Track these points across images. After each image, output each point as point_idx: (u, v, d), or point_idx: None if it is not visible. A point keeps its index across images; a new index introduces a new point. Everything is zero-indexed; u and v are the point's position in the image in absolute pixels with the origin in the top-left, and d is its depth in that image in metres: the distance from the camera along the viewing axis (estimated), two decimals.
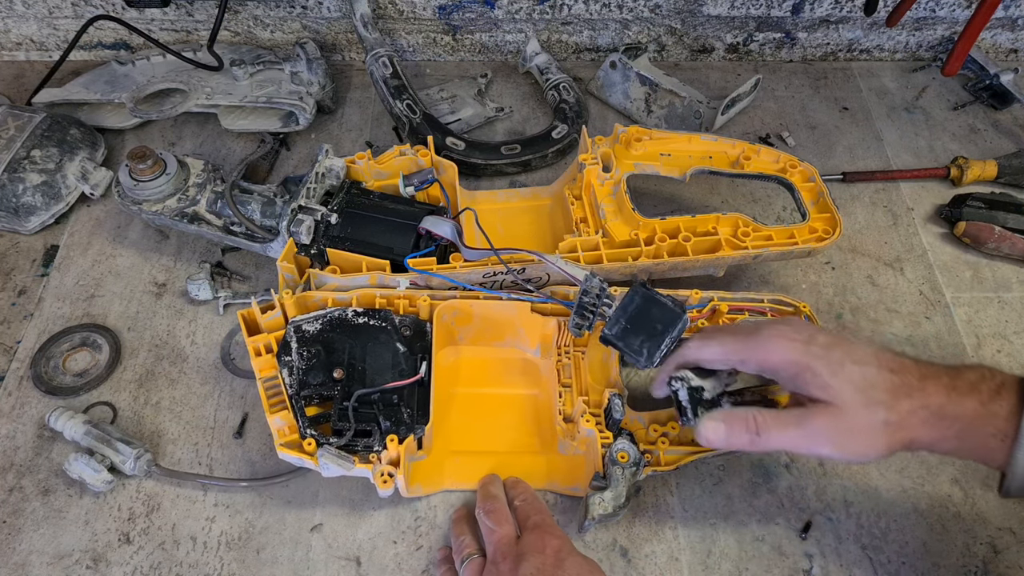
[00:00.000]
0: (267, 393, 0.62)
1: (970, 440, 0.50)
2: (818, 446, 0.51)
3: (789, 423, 0.51)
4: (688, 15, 0.98)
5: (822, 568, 0.62)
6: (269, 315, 0.65)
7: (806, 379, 0.51)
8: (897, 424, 0.50)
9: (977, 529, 0.64)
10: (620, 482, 0.59)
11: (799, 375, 0.51)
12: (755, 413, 0.52)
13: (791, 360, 0.52)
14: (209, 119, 0.93)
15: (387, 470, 0.59)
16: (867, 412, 0.50)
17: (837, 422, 0.50)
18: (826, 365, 0.51)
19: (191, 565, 0.61)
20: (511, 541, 0.56)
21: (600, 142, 0.77)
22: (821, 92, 1.01)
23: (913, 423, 0.50)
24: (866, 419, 0.50)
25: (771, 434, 0.52)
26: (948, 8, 0.98)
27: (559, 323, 0.68)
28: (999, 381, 0.50)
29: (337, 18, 0.97)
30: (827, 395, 0.50)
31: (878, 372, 0.51)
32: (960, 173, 0.88)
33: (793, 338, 0.52)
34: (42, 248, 0.82)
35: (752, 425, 0.52)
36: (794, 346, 0.52)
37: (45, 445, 0.67)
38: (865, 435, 0.50)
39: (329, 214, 0.72)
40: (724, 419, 0.53)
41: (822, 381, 0.50)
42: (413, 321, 0.67)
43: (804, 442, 0.51)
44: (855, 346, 0.52)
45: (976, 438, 0.49)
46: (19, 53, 1.01)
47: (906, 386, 0.50)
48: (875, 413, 0.50)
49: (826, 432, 0.50)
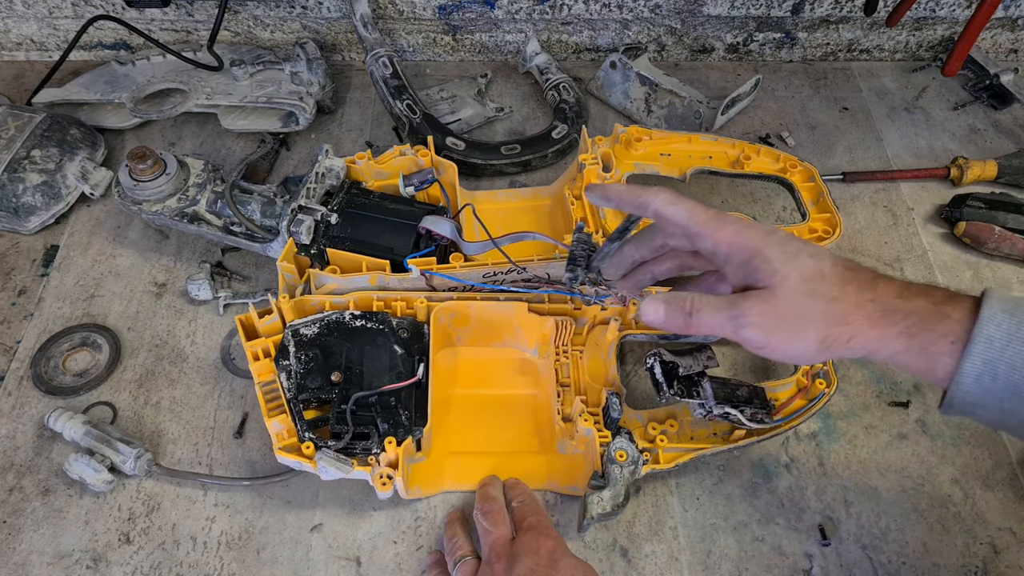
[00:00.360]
0: (265, 397, 0.62)
1: (917, 340, 0.46)
2: (747, 327, 0.48)
3: (722, 305, 0.49)
4: (688, 15, 0.98)
5: (822, 568, 0.62)
6: (267, 319, 0.65)
7: (756, 264, 0.49)
8: (837, 317, 0.47)
9: (977, 529, 0.64)
10: (619, 481, 0.59)
11: (751, 260, 0.49)
12: (693, 296, 0.50)
13: (746, 244, 0.49)
14: (209, 119, 0.93)
15: (386, 472, 0.59)
16: (806, 299, 0.47)
17: (771, 306, 0.48)
18: (780, 252, 0.48)
19: (191, 565, 0.61)
20: (506, 542, 0.56)
21: (600, 142, 0.77)
22: (821, 92, 1.01)
23: (856, 318, 0.47)
24: (804, 307, 0.47)
25: (703, 315, 0.50)
26: (948, 8, 0.98)
27: (556, 323, 0.68)
28: (954, 290, 0.48)
29: (337, 18, 0.97)
30: (772, 280, 0.48)
31: (832, 266, 0.48)
32: (960, 173, 0.88)
33: (754, 225, 0.50)
34: (42, 248, 0.82)
35: (687, 306, 0.50)
36: (753, 232, 0.49)
37: (45, 445, 0.67)
38: (798, 322, 0.48)
39: (329, 214, 0.72)
40: (665, 299, 0.51)
41: (772, 267, 0.48)
42: (410, 323, 0.67)
43: (731, 324, 0.49)
44: (813, 245, 0.50)
45: (924, 337, 0.46)
46: (19, 53, 1.01)
47: (857, 280, 0.48)
48: (814, 303, 0.47)
49: (756, 315, 0.48)
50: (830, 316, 0.47)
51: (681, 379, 0.62)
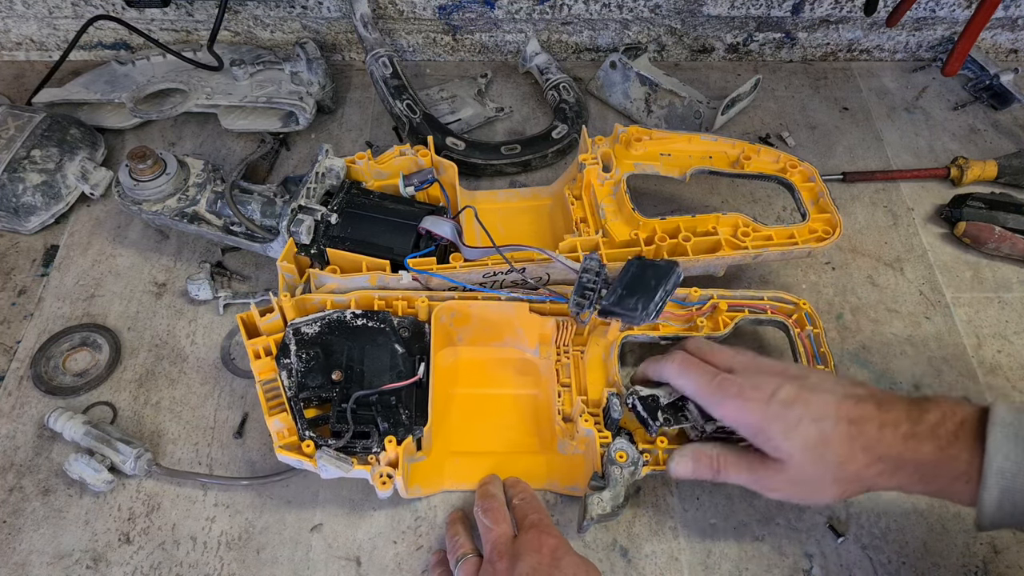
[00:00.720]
0: (266, 395, 0.62)
1: (934, 484, 0.51)
2: (769, 492, 0.56)
3: (743, 469, 0.56)
4: (688, 15, 0.98)
5: (822, 568, 0.62)
6: (268, 318, 0.65)
7: (760, 441, 0.54)
8: (851, 476, 0.52)
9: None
10: (618, 482, 0.59)
11: (755, 436, 0.55)
12: (718, 453, 0.57)
13: (748, 422, 0.54)
14: (209, 119, 0.93)
15: (386, 471, 0.59)
16: (816, 469, 0.52)
17: (785, 477, 0.54)
18: (781, 427, 0.53)
19: (191, 565, 0.61)
20: (508, 540, 0.56)
21: (600, 142, 0.77)
22: (821, 92, 1.01)
23: (869, 475, 0.51)
24: (815, 475, 0.53)
25: (729, 474, 0.57)
26: (948, 8, 0.98)
27: (557, 323, 0.68)
28: (959, 419, 0.50)
29: (337, 18, 0.97)
30: (779, 455, 0.53)
31: (835, 426, 0.52)
32: (960, 173, 0.88)
33: (753, 398, 0.54)
34: (42, 248, 0.82)
35: (715, 464, 0.57)
36: (752, 407, 0.54)
37: (45, 445, 0.67)
38: (814, 488, 0.54)
39: (329, 214, 0.72)
40: (692, 455, 0.58)
41: (775, 444, 0.53)
42: (411, 322, 0.67)
43: (756, 487, 0.56)
44: (815, 398, 0.53)
45: (940, 482, 0.50)
46: (19, 53, 1.01)
47: (862, 437, 0.51)
48: (825, 471, 0.52)
49: (776, 483, 0.55)
50: (843, 478, 0.52)
51: (665, 408, 0.61)
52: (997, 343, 0.76)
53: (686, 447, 0.59)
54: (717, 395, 0.56)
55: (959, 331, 0.77)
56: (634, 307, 0.59)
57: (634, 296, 0.60)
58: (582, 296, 0.61)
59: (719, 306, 0.69)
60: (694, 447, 0.58)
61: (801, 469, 0.53)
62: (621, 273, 0.62)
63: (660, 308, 0.60)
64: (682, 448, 0.59)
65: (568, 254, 0.69)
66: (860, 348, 0.75)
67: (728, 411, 0.55)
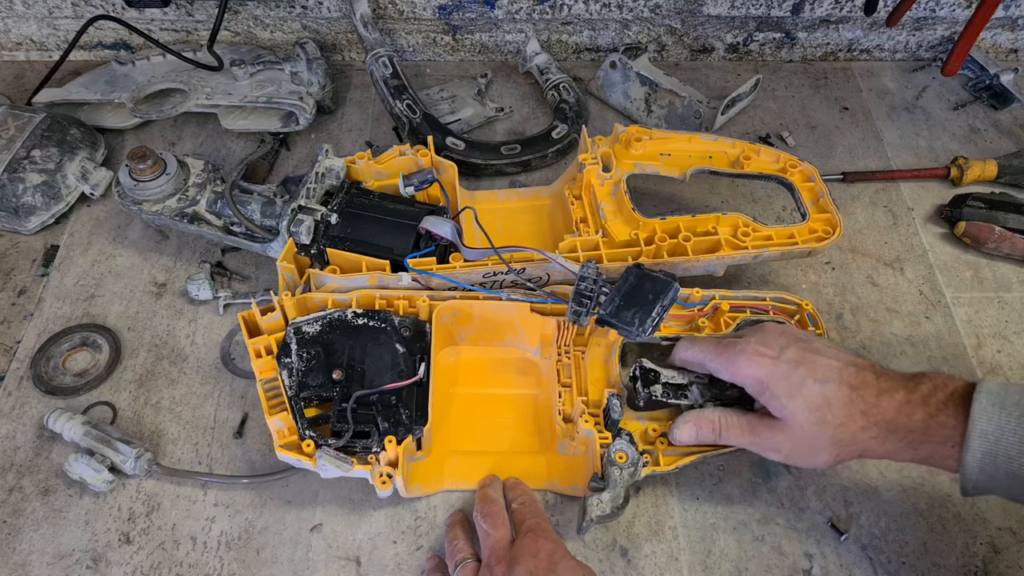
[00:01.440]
0: (267, 395, 0.62)
1: (922, 449, 0.53)
2: (768, 452, 0.58)
3: (745, 430, 0.58)
4: (688, 15, 0.98)
5: (822, 568, 0.62)
6: (269, 317, 0.65)
7: (766, 398, 0.57)
8: (846, 440, 0.54)
9: (977, 529, 0.64)
10: (618, 483, 0.59)
11: (762, 392, 0.57)
12: (720, 415, 0.60)
13: (756, 378, 0.57)
14: (209, 119, 0.93)
15: (386, 471, 0.59)
16: (816, 429, 0.55)
17: (784, 436, 0.56)
18: (786, 386, 0.55)
19: (191, 565, 0.61)
20: (506, 545, 0.56)
21: (600, 142, 0.77)
22: (821, 92, 1.01)
23: (864, 438, 0.54)
24: (815, 435, 0.55)
25: (730, 435, 0.59)
26: (948, 8, 0.98)
27: (559, 323, 0.68)
28: (951, 390, 0.53)
29: (337, 18, 0.97)
30: (782, 414, 0.56)
31: (837, 389, 0.54)
32: (960, 173, 0.88)
33: (762, 354, 0.57)
34: (42, 248, 0.82)
35: (716, 427, 0.60)
36: (761, 362, 0.57)
37: (45, 445, 0.67)
38: (812, 448, 0.56)
39: (329, 214, 0.72)
40: (694, 420, 0.61)
41: (779, 403, 0.56)
42: (412, 322, 0.67)
43: (756, 447, 0.58)
44: (820, 361, 0.56)
45: (927, 447, 0.53)
46: (19, 53, 1.01)
47: (861, 402, 0.54)
48: (824, 431, 0.54)
49: (775, 443, 0.57)
50: (839, 440, 0.55)
51: (665, 385, 0.63)
52: (997, 343, 0.76)
53: (688, 413, 0.61)
54: (726, 354, 0.59)
55: (959, 331, 0.77)
56: (631, 321, 0.60)
57: (631, 309, 0.60)
58: (579, 304, 0.62)
59: (721, 307, 0.69)
60: (695, 412, 0.61)
61: (802, 429, 0.55)
62: (620, 281, 0.62)
63: (657, 324, 0.61)
64: (684, 415, 0.61)
65: (568, 254, 0.69)
66: (860, 348, 0.76)
67: (738, 369, 0.58)
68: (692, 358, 0.62)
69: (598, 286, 0.61)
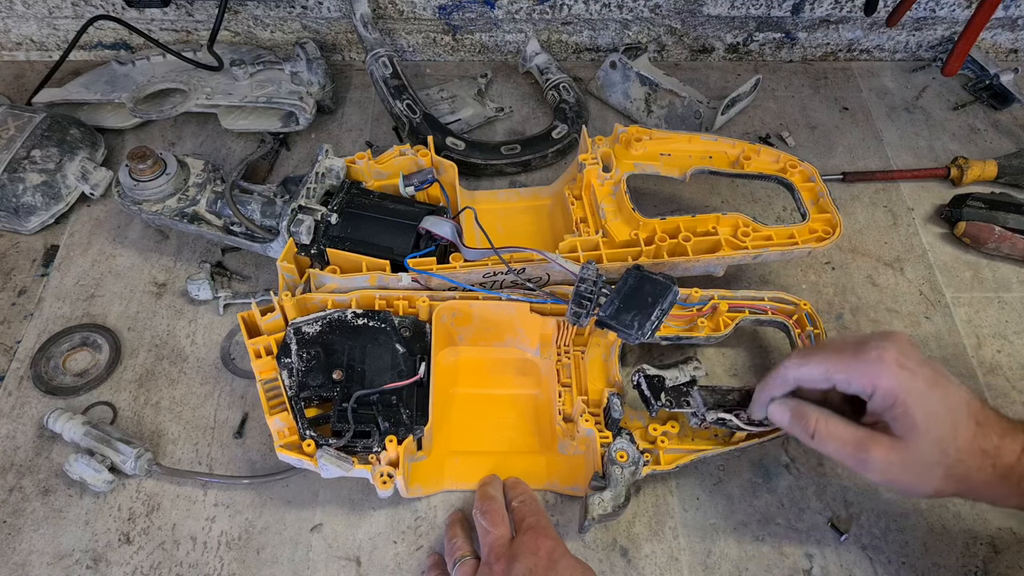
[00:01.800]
0: (267, 395, 0.62)
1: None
2: (870, 470, 0.52)
3: (848, 440, 0.52)
4: (688, 15, 0.98)
5: (822, 568, 0.62)
6: (269, 317, 0.65)
7: (896, 414, 0.51)
8: (958, 477, 0.51)
9: (977, 529, 0.64)
10: (619, 482, 0.59)
11: (893, 407, 0.51)
12: (821, 416, 0.53)
13: (893, 391, 0.51)
14: (209, 119, 0.93)
15: (386, 471, 0.59)
16: (936, 459, 0.50)
17: (899, 456, 0.51)
18: (922, 407, 0.50)
19: (191, 565, 0.61)
20: (505, 542, 0.56)
21: (600, 142, 0.77)
22: (821, 92, 1.01)
23: (977, 479, 0.51)
24: (931, 464, 0.50)
25: (826, 441, 0.53)
26: (948, 8, 0.98)
27: (559, 323, 0.68)
28: None
29: (337, 18, 0.97)
30: (908, 434, 0.50)
31: (967, 421, 0.50)
32: (960, 173, 0.88)
33: (904, 366, 0.51)
34: (42, 248, 0.82)
35: (812, 425, 0.53)
36: (901, 376, 0.50)
37: (45, 445, 0.67)
38: (921, 476, 0.51)
39: (329, 214, 0.72)
40: (793, 408, 0.55)
41: (911, 421, 0.50)
42: (412, 322, 0.67)
43: (853, 459, 0.52)
44: (952, 387, 0.51)
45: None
46: (19, 53, 1.01)
47: (985, 440, 0.50)
48: (942, 461, 0.50)
49: (882, 463, 0.51)
50: (953, 475, 0.51)
51: (669, 391, 0.63)
52: (997, 343, 0.76)
53: (790, 399, 0.56)
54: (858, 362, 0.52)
55: (959, 331, 0.77)
56: (630, 324, 0.60)
57: (631, 312, 0.60)
58: (579, 305, 0.62)
59: (720, 307, 0.69)
60: (799, 401, 0.55)
61: (921, 454, 0.50)
62: (620, 283, 0.62)
63: (656, 327, 0.61)
64: (785, 398, 0.56)
65: (568, 254, 0.69)
66: None
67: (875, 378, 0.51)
68: (812, 375, 0.54)
69: (598, 288, 0.61)
